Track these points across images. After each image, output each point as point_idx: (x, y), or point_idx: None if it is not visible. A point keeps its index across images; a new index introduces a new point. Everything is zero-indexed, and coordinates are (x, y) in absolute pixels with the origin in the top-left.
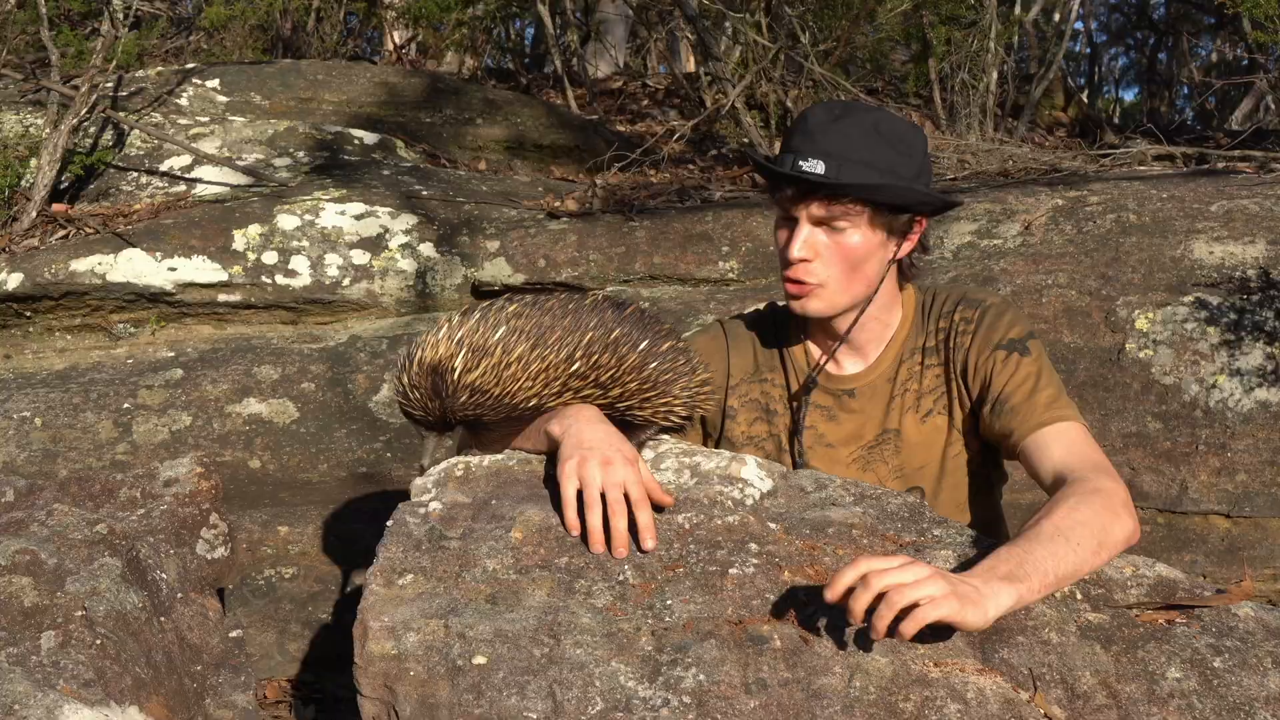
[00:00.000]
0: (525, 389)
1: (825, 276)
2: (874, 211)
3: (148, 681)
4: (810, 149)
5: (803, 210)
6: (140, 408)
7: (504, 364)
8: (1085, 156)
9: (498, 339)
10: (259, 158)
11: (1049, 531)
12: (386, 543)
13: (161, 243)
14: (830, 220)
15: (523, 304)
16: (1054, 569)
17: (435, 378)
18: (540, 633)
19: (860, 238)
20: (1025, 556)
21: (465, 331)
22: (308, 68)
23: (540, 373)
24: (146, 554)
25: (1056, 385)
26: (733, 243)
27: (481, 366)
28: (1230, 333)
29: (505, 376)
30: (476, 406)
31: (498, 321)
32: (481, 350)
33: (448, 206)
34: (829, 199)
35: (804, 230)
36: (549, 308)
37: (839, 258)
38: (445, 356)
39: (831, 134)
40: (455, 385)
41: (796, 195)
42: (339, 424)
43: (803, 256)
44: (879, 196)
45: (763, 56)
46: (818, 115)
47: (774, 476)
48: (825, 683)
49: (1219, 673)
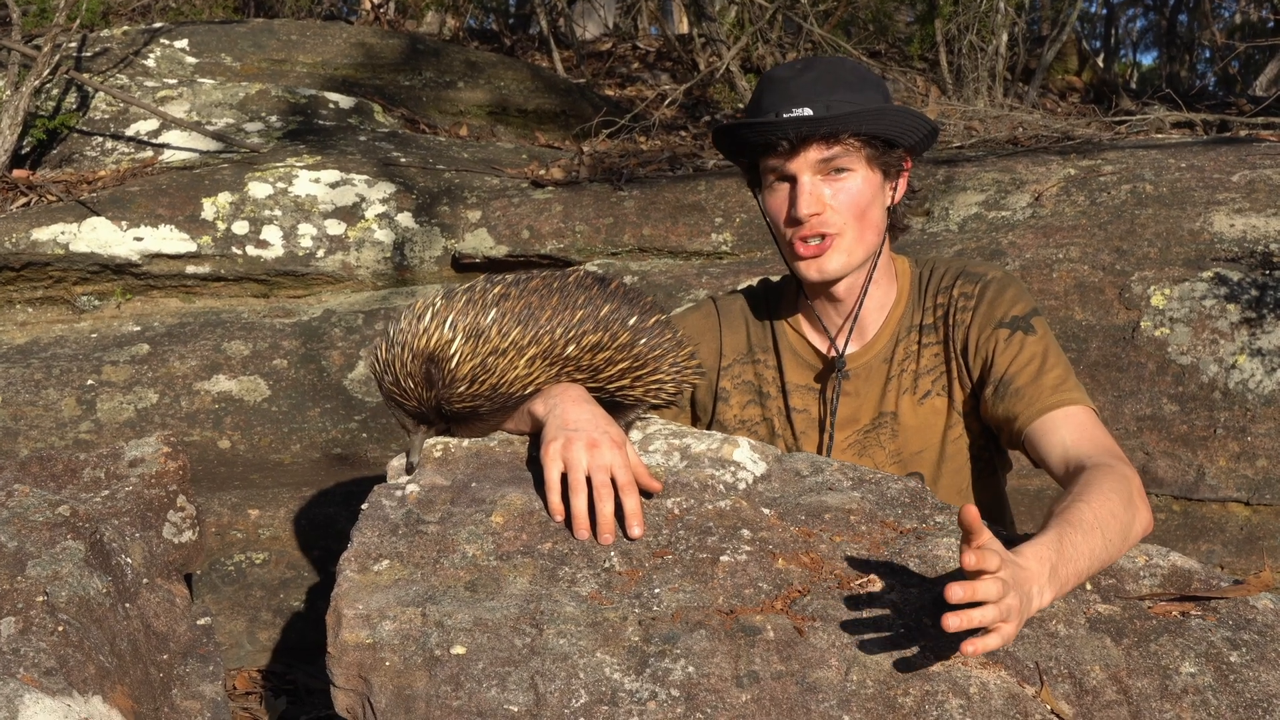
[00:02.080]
0: (521, 376)
1: (840, 224)
2: (871, 149)
3: (112, 670)
4: (790, 100)
5: (800, 161)
6: (105, 384)
7: (499, 350)
8: (1100, 123)
9: (490, 322)
10: (229, 122)
11: (1090, 522)
12: (361, 527)
13: (127, 211)
14: (831, 162)
15: (506, 284)
16: (1087, 565)
17: (430, 366)
18: (522, 622)
19: (862, 179)
20: (1073, 553)
21: (456, 316)
22: (281, 27)
23: (536, 357)
24: (111, 537)
25: (1064, 366)
26: (726, 213)
27: (478, 354)
28: (1251, 310)
29: (502, 365)
30: (473, 398)
31: (486, 304)
32: (476, 336)
33: (427, 174)
34: (828, 139)
35: (806, 182)
36: (533, 287)
37: (847, 204)
38: (440, 343)
39: (804, 83)
40: (451, 375)
41: (791, 146)
42: (312, 402)
43: (813, 210)
44: (880, 122)
45: (759, 17)
46: (783, 72)
47: (768, 459)
48: (821, 676)
49: (1235, 667)
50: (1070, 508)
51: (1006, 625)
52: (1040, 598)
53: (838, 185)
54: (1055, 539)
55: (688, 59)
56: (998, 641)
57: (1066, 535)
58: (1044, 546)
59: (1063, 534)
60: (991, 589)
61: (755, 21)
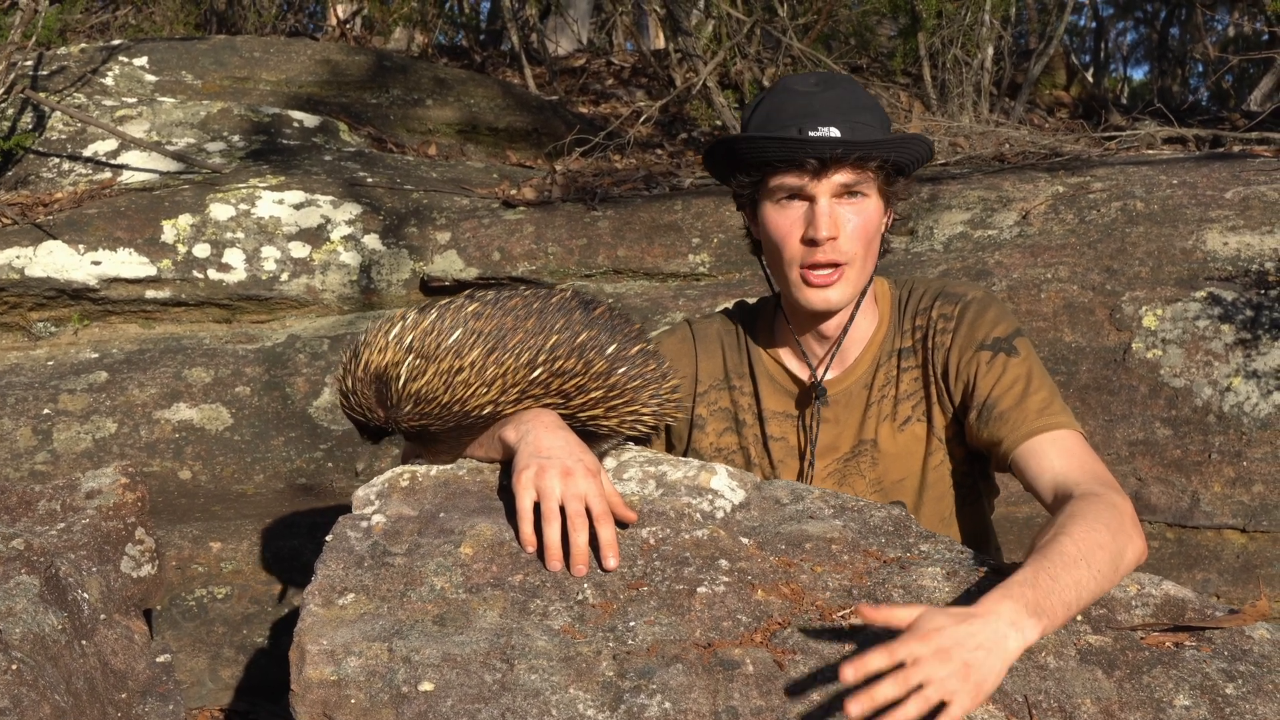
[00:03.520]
0: (479, 395)
1: (852, 255)
2: (884, 176)
3: (68, 710)
4: (815, 117)
5: (825, 183)
6: (61, 413)
7: (455, 369)
8: (1089, 139)
9: (451, 343)
10: (190, 142)
11: (1073, 555)
12: (326, 559)
13: (85, 234)
14: (851, 188)
15: (484, 302)
16: (1075, 599)
17: (379, 385)
18: (492, 657)
19: (874, 208)
20: (1053, 585)
21: (416, 334)
22: (243, 44)
23: (497, 378)
24: (67, 572)
25: (1049, 388)
26: (704, 234)
27: (429, 373)
28: (1246, 331)
29: (456, 383)
30: (423, 416)
31: (455, 322)
32: (430, 356)
33: (394, 195)
34: (856, 165)
35: (826, 204)
36: (511, 307)
37: (860, 232)
38: (390, 363)
39: (828, 101)
40: (400, 394)
41: (820, 166)
42: (276, 431)
43: (833, 234)
44: (906, 151)
45: (737, 31)
46: (801, 86)
47: (746, 487)
48: (802, 711)
49: (1231, 700)
50: (1051, 541)
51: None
52: (1022, 635)
53: (854, 209)
54: (1031, 574)
55: (663, 75)
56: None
57: (1044, 570)
58: (1013, 585)
59: (1039, 569)
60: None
61: (733, 36)
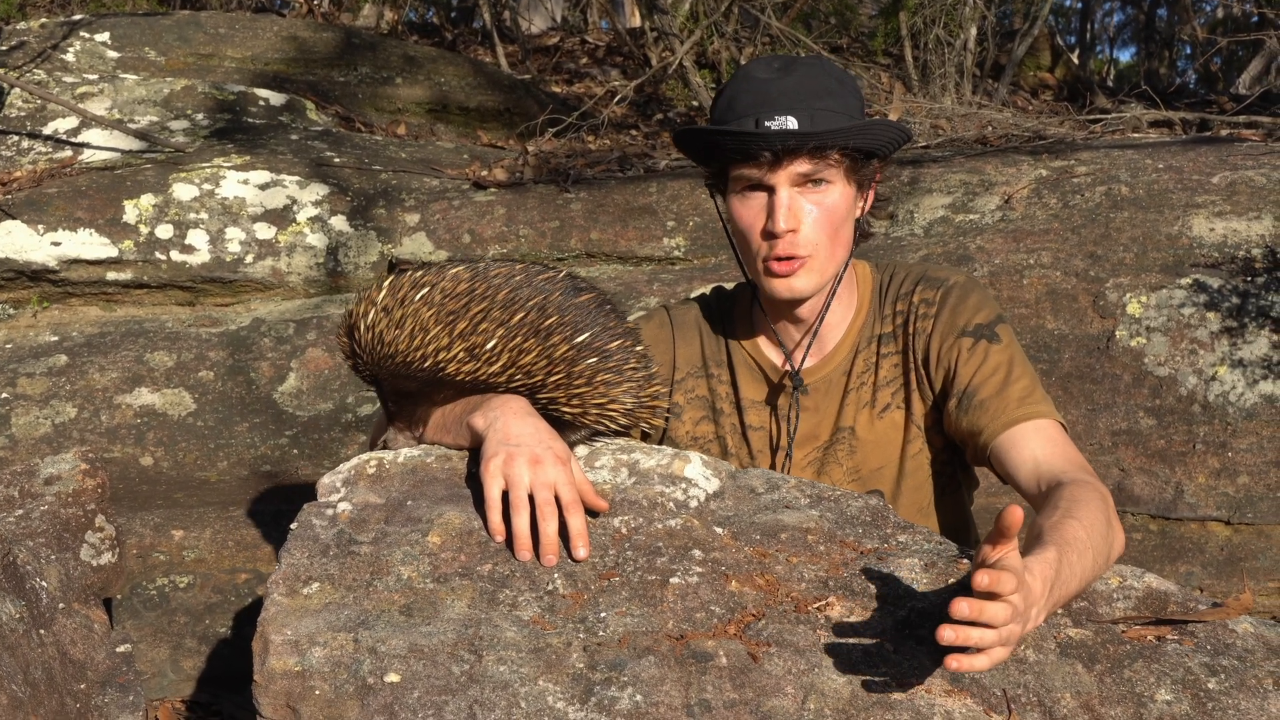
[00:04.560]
0: (432, 356)
1: (814, 245)
2: (850, 162)
3: (25, 701)
4: (772, 106)
5: (781, 174)
6: (20, 398)
7: (417, 328)
8: (1073, 122)
9: (419, 300)
10: (153, 120)
11: (1084, 541)
12: (290, 548)
13: (44, 214)
14: (812, 177)
15: (470, 266)
16: (1076, 587)
17: (347, 337)
18: (460, 648)
19: (839, 193)
20: (1067, 572)
21: (387, 291)
22: (208, 20)
23: (454, 343)
24: (25, 559)
25: (1031, 376)
26: (679, 216)
27: (384, 322)
28: (1232, 319)
29: (406, 339)
30: (376, 366)
31: (436, 279)
32: (389, 313)
33: (362, 175)
34: (814, 154)
35: (785, 196)
36: (492, 274)
37: (823, 221)
38: (359, 314)
39: (786, 88)
40: (362, 339)
41: (774, 159)
42: (240, 417)
43: (791, 226)
44: (866, 136)
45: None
46: (761, 72)
47: (721, 476)
48: (776, 704)
49: (1214, 695)
50: (1064, 524)
51: (999, 649)
52: (1036, 619)
53: (816, 199)
54: (1056, 558)
55: (639, 54)
56: (985, 664)
57: (1065, 555)
58: (1047, 565)
59: (1062, 553)
60: (1000, 613)
61: (710, 14)
